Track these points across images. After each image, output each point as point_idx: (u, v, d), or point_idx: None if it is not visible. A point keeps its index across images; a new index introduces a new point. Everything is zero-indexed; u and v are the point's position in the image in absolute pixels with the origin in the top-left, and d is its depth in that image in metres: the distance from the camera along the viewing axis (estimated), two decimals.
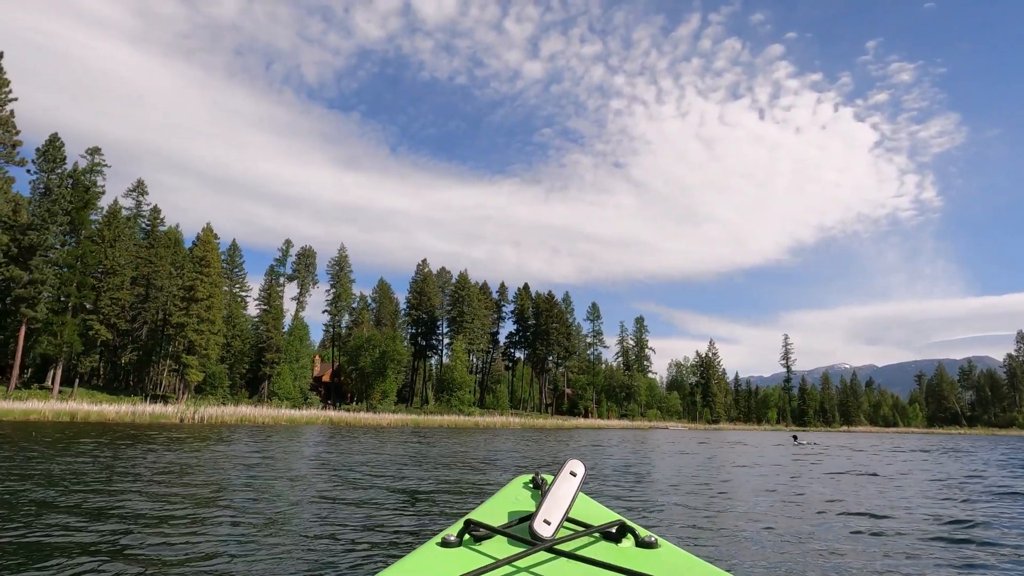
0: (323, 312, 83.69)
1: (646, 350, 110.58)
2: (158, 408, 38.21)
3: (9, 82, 47.91)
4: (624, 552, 1.17)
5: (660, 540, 1.21)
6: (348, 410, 60.79)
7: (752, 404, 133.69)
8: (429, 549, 1.13)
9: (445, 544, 1.14)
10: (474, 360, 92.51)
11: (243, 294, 79.33)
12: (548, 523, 1.17)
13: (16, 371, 50.30)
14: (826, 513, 7.32)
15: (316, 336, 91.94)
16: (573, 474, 1.37)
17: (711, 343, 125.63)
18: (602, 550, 1.17)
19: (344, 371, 77.03)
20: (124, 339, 63.06)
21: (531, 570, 1.04)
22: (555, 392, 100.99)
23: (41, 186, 54.17)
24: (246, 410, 43.99)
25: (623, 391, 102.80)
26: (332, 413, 52.95)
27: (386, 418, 53.35)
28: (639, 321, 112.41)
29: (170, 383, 64.80)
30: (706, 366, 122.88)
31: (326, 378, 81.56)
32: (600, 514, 1.40)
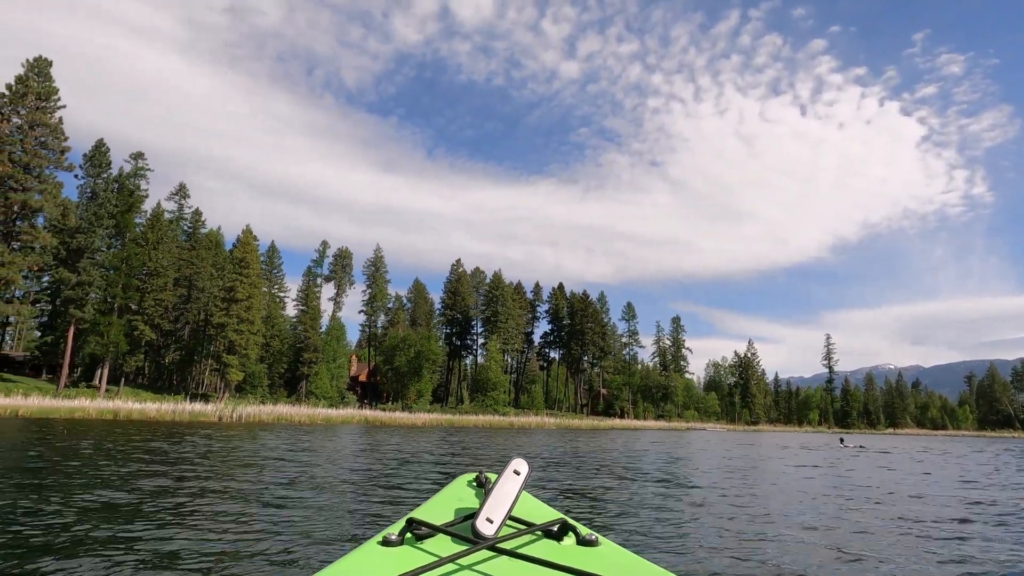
0: (359, 312, 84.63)
1: (683, 350, 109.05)
2: (198, 407, 38.87)
3: (57, 90, 49.33)
4: (565, 550, 1.18)
5: (601, 538, 1.23)
6: (384, 409, 61.14)
7: (793, 405, 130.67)
8: (370, 548, 1.12)
9: (386, 543, 1.12)
10: (508, 360, 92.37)
11: (281, 295, 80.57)
12: (491, 521, 1.18)
13: (66, 370, 51.82)
14: None
15: (352, 336, 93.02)
16: (517, 473, 1.37)
17: (750, 343, 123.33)
18: (544, 548, 1.18)
19: (380, 371, 77.58)
20: (167, 339, 64.53)
21: (473, 568, 1.04)
22: (590, 392, 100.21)
23: (88, 190, 55.80)
24: (283, 409, 44.50)
25: (659, 391, 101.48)
26: (368, 412, 53.27)
27: (421, 418, 53.46)
28: (676, 321, 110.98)
29: (211, 382, 66.11)
30: (745, 366, 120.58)
31: (363, 378, 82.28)
32: (543, 513, 1.40)
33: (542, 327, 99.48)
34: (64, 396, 44.02)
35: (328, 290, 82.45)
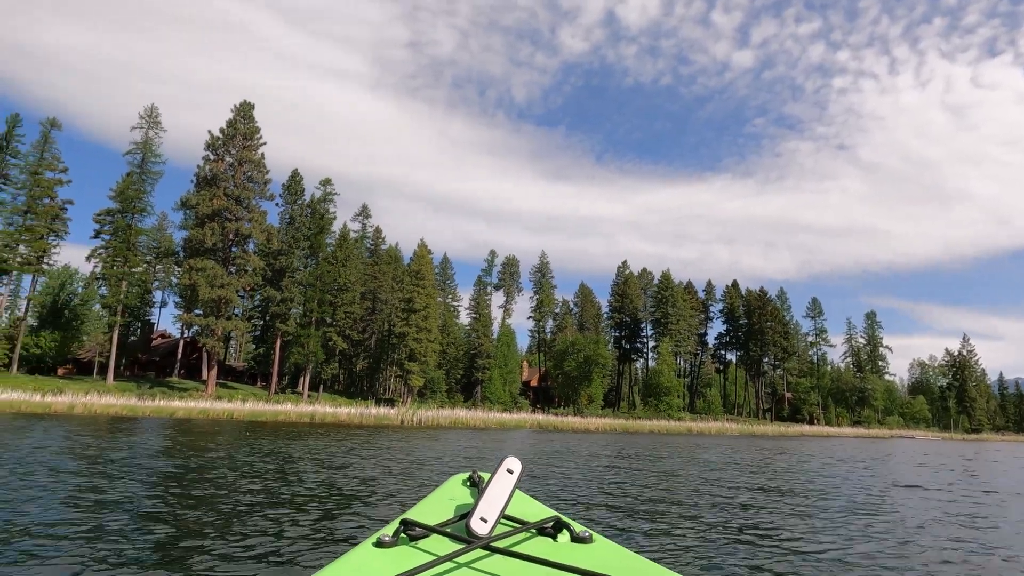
0: (527, 318, 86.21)
1: (880, 348, 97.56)
2: (383, 411, 41.64)
3: (259, 129, 55.89)
4: (560, 548, 1.19)
5: (595, 535, 1.23)
6: (556, 414, 61.40)
7: None
8: (364, 549, 1.12)
9: (380, 544, 1.13)
10: (681, 363, 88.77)
11: (455, 304, 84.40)
12: (485, 521, 1.19)
13: (275, 378, 58.39)
14: None
15: (523, 342, 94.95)
16: (510, 471, 1.37)
17: (964, 339, 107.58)
18: (538, 546, 1.19)
19: (551, 375, 78.27)
20: (357, 348, 70.26)
21: (468, 567, 1.06)
22: (773, 396, 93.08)
23: (287, 216, 62.49)
24: (458, 413, 46.29)
25: (854, 395, 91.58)
26: (540, 417, 53.73)
27: (593, 422, 52.85)
28: (870, 316, 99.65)
29: (396, 388, 70.87)
30: (960, 366, 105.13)
31: (534, 383, 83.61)
32: (536, 511, 1.40)
33: (716, 328, 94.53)
34: (273, 401, 49.51)
35: (498, 298, 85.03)
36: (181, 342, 63.52)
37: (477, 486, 1.53)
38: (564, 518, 1.25)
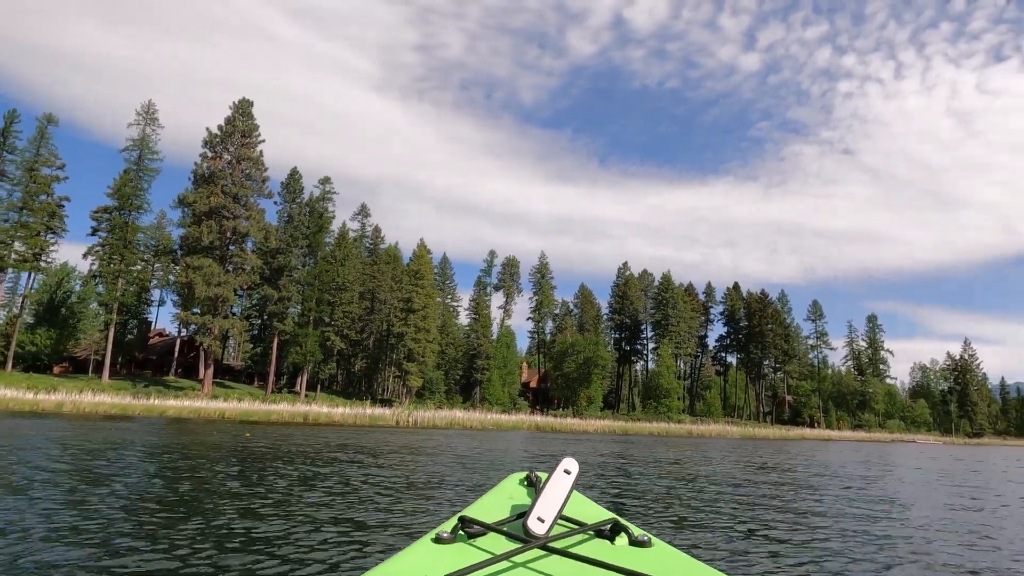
0: (527, 319, 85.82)
1: (882, 352, 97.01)
2: (377, 411, 41.24)
3: (258, 127, 55.55)
4: (618, 551, 1.17)
5: (654, 539, 1.21)
6: (555, 415, 60.97)
7: None
8: (423, 545, 1.13)
9: (439, 540, 1.14)
10: (681, 365, 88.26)
11: (455, 304, 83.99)
12: (542, 520, 1.18)
13: (272, 377, 58.05)
14: None
15: (522, 343, 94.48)
16: (567, 472, 1.37)
17: (966, 343, 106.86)
18: (596, 548, 1.17)
19: (550, 377, 77.86)
20: (355, 348, 69.89)
21: (525, 566, 1.05)
22: (774, 399, 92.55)
23: (285, 215, 62.15)
24: (455, 414, 45.84)
25: (855, 399, 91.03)
26: (538, 418, 53.30)
27: (592, 424, 52.43)
28: (872, 320, 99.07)
29: (395, 388, 70.50)
30: (961, 370, 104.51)
31: (533, 384, 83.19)
32: (594, 512, 1.38)
33: (716, 330, 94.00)
34: (270, 401, 49.14)
35: (498, 299, 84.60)
36: (178, 341, 63.15)
37: (534, 486, 1.52)
38: (622, 521, 1.23)
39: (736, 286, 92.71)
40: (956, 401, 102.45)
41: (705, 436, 53.44)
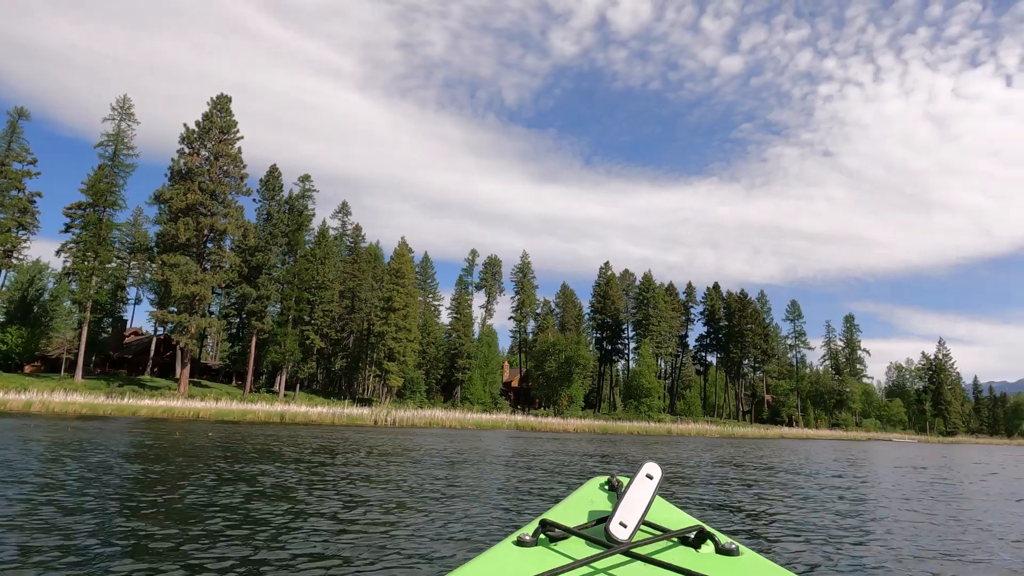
0: (508, 319, 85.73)
1: (858, 352, 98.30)
2: (355, 411, 40.91)
3: (237, 123, 54.83)
4: (704, 558, 1.13)
5: (742, 547, 1.17)
6: (536, 415, 60.95)
7: (999, 414, 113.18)
8: (504, 548, 1.12)
9: (520, 543, 1.12)
10: (662, 365, 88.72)
11: (436, 303, 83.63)
12: (624, 526, 1.15)
13: (250, 376, 57.34)
14: None
15: (504, 343, 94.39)
16: (649, 476, 1.34)
17: (940, 342, 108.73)
18: (680, 555, 1.13)
19: (532, 376, 77.86)
20: (335, 347, 69.33)
21: (608, 572, 1.03)
22: (753, 399, 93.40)
23: (264, 212, 61.44)
24: (435, 414, 45.64)
25: (832, 398, 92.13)
26: (519, 418, 53.24)
27: (572, 423, 52.46)
28: (848, 320, 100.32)
29: (375, 388, 70.02)
30: (936, 370, 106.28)
31: (515, 383, 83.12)
32: (678, 519, 1.35)
33: (697, 330, 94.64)
34: (248, 400, 48.57)
35: (480, 298, 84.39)
36: (154, 340, 62.18)
37: (616, 490, 1.50)
38: (709, 528, 1.20)
39: (716, 286, 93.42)
40: (931, 400, 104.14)
41: (685, 435, 53.74)
